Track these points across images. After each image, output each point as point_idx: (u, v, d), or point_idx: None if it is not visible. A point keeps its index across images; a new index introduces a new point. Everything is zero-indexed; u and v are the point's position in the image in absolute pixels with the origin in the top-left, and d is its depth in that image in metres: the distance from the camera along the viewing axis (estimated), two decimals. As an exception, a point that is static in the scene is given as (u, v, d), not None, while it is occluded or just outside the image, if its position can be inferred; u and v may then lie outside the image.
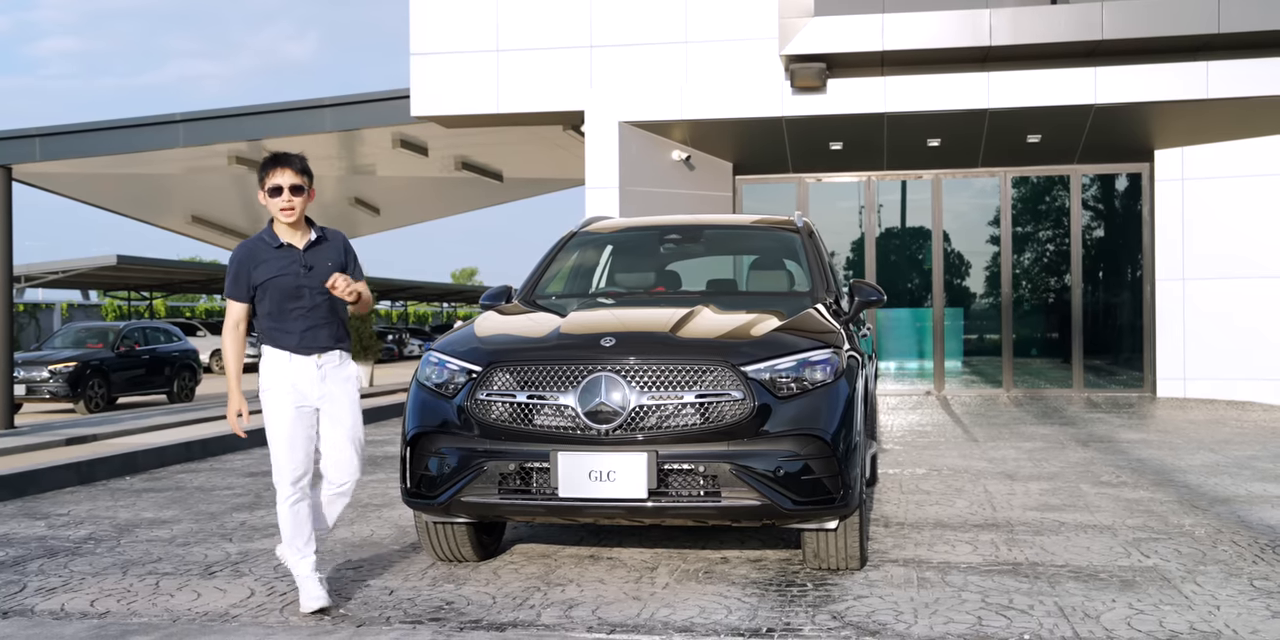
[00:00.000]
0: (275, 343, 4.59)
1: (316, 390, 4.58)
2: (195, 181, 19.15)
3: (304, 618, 4.43)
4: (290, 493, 4.54)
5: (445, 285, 52.47)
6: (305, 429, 4.58)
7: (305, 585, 4.51)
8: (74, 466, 8.40)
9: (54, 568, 5.40)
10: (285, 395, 4.56)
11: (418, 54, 14.26)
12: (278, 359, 4.59)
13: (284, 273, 4.56)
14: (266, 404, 4.58)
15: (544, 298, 6.30)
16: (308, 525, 4.57)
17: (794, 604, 4.55)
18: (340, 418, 4.63)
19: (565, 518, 4.86)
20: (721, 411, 4.68)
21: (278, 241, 4.60)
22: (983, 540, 5.78)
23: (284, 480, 4.54)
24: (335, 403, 4.62)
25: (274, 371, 4.59)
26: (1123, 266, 16.27)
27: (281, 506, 4.55)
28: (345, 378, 4.67)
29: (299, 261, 4.58)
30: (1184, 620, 4.27)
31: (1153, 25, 12.77)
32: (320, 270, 4.59)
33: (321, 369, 4.60)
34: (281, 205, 4.52)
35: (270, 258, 4.57)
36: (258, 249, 4.60)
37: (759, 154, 15.39)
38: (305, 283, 4.57)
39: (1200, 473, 8.08)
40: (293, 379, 4.56)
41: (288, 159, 4.56)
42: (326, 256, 4.63)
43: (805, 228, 6.71)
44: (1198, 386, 14.75)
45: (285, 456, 4.54)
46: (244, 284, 4.58)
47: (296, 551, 4.55)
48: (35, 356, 18.28)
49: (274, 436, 4.55)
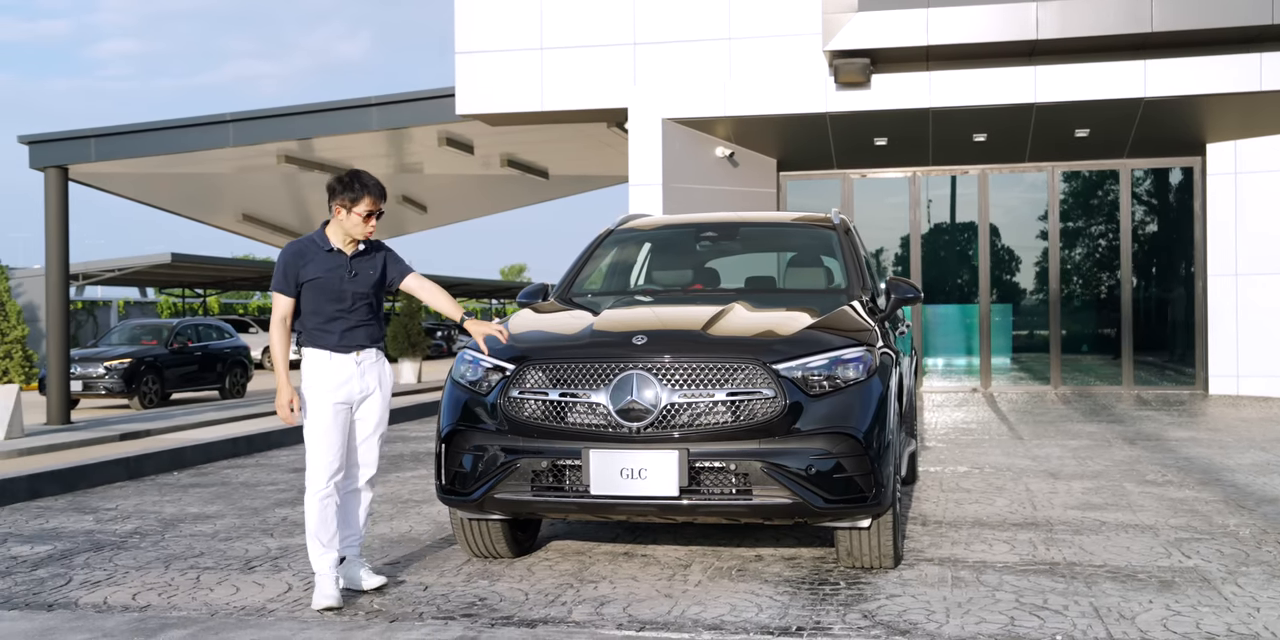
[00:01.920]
0: (316, 342, 4.77)
1: (356, 385, 4.76)
2: (245, 180, 19.39)
3: (335, 614, 4.48)
4: (324, 488, 4.67)
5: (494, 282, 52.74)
6: (342, 426, 4.73)
7: (321, 582, 4.61)
8: (123, 462, 8.56)
9: (99, 561, 5.51)
10: (326, 393, 4.71)
11: (462, 53, 14.34)
12: (318, 358, 4.76)
13: (330, 275, 4.76)
14: (308, 401, 4.73)
15: (580, 295, 6.32)
16: (334, 522, 4.68)
17: (825, 603, 4.54)
18: (372, 414, 4.83)
19: (597, 515, 4.88)
20: (753, 409, 4.68)
21: (329, 245, 4.81)
22: (1021, 539, 5.73)
23: (319, 476, 4.66)
24: (370, 400, 4.83)
25: (315, 370, 4.75)
26: (1174, 262, 16.01)
27: (311, 501, 4.67)
28: (382, 374, 4.87)
29: (346, 266, 4.80)
30: (1222, 622, 4.21)
31: (1204, 17, 12.54)
32: (364, 277, 4.84)
33: (360, 365, 4.78)
34: (367, 231, 4.80)
35: (319, 259, 4.78)
36: (307, 249, 4.81)
37: (803, 150, 15.32)
38: (349, 287, 4.78)
39: (1249, 472, 7.95)
40: (333, 376, 4.73)
41: (376, 187, 4.80)
42: (369, 266, 4.88)
43: (842, 225, 6.68)
44: (1251, 384, 14.49)
45: (323, 453, 4.67)
46: (292, 280, 4.76)
47: (320, 546, 4.65)
48: (91, 353, 18.60)
49: (312, 433, 4.69)
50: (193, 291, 41.18)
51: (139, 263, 28.00)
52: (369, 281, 4.84)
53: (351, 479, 4.84)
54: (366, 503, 4.90)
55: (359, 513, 4.88)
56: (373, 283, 4.86)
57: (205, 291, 41.47)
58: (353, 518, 4.85)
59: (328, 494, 4.67)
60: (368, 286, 4.83)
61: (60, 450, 10.50)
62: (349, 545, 4.83)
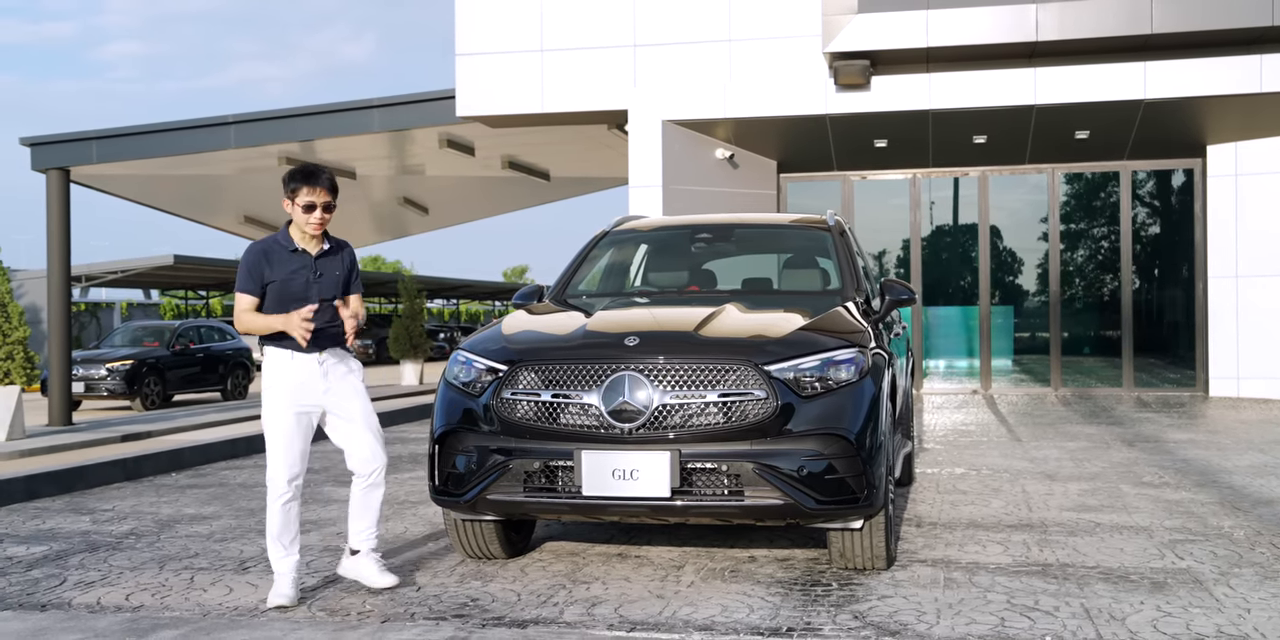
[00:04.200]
0: (278, 343, 4.72)
1: (320, 386, 4.72)
2: (247, 182, 19.42)
3: (329, 613, 4.50)
4: (284, 491, 4.68)
5: (496, 284, 52.80)
6: (303, 430, 4.71)
7: (280, 581, 4.65)
8: (121, 463, 8.58)
9: (94, 562, 5.52)
10: (286, 396, 4.69)
11: (463, 54, 14.36)
12: (280, 358, 4.71)
13: (295, 276, 4.72)
14: (266, 404, 4.71)
15: (575, 297, 6.33)
16: (295, 525, 4.72)
17: (817, 604, 4.54)
18: (352, 412, 4.78)
19: (589, 516, 4.89)
20: (745, 411, 4.69)
21: (293, 246, 4.76)
22: (1015, 541, 5.73)
23: (278, 479, 4.68)
24: (343, 398, 4.77)
25: (276, 371, 4.71)
26: (1175, 264, 16.01)
27: (273, 505, 4.68)
28: (347, 372, 4.82)
29: (311, 267, 4.75)
30: (1212, 623, 4.21)
31: (1204, 18, 12.54)
32: (329, 278, 4.79)
33: (323, 366, 4.73)
34: (314, 222, 4.70)
35: (284, 260, 4.73)
36: (272, 250, 4.75)
37: (803, 152, 15.33)
38: (314, 288, 4.73)
39: (1246, 474, 7.94)
40: (295, 378, 4.70)
41: (318, 176, 4.71)
42: (335, 266, 4.82)
43: (837, 226, 6.68)
44: (1251, 386, 14.48)
45: (281, 456, 4.67)
46: (257, 280, 4.71)
47: (281, 549, 4.68)
48: (93, 355, 18.64)
49: (271, 436, 4.69)
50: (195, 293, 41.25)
51: (141, 264, 28.07)
52: (334, 283, 4.77)
53: (360, 476, 4.83)
54: (378, 498, 4.86)
55: (374, 508, 4.84)
56: (339, 283, 4.79)
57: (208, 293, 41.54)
58: (364, 513, 4.83)
59: (289, 498, 4.68)
60: (333, 288, 4.77)
61: (61, 451, 10.51)
62: (362, 540, 4.83)
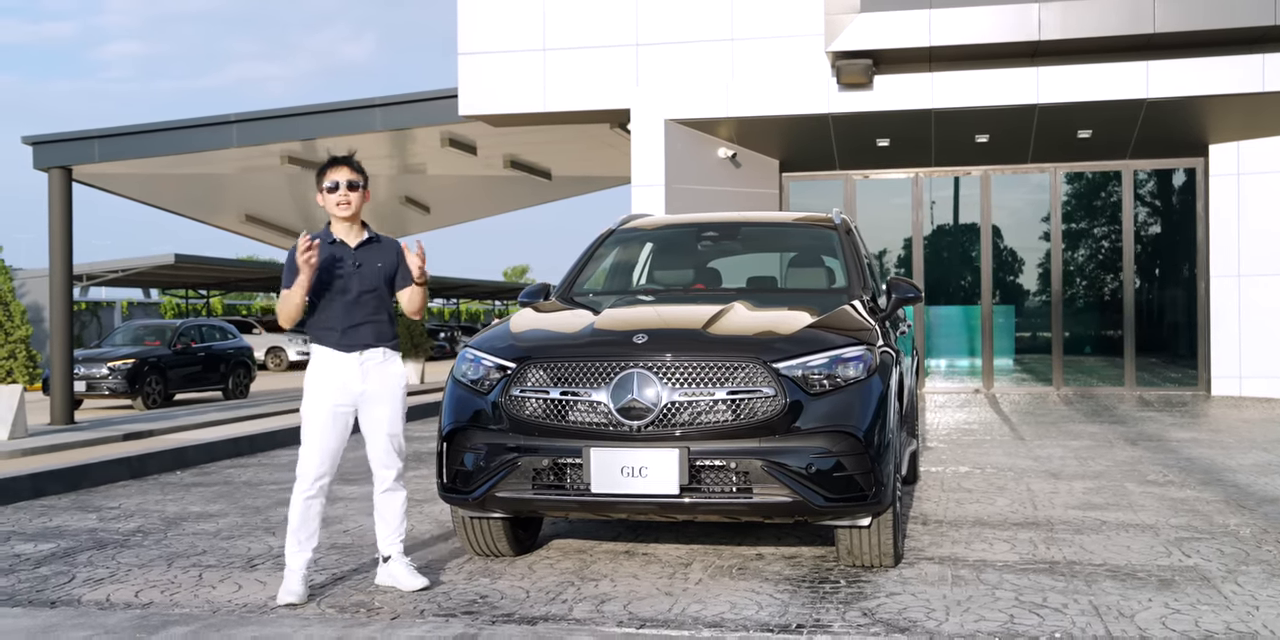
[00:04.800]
0: (320, 340, 4.75)
1: (358, 387, 4.71)
2: (249, 181, 19.42)
3: (338, 611, 4.50)
4: (308, 488, 4.68)
5: (497, 283, 52.78)
6: (338, 429, 4.71)
7: (290, 578, 4.65)
8: (125, 461, 8.58)
9: (102, 559, 5.53)
10: (325, 394, 4.69)
11: (465, 54, 14.37)
12: (321, 356, 4.74)
13: (334, 266, 4.72)
14: (306, 399, 4.73)
15: (581, 295, 6.33)
16: (314, 522, 4.71)
17: (825, 601, 4.55)
18: (378, 416, 4.76)
19: (597, 513, 4.90)
20: (753, 408, 4.69)
21: (331, 237, 4.78)
22: (1021, 538, 5.74)
23: (306, 475, 4.68)
24: (375, 401, 4.75)
25: (318, 368, 4.74)
26: (1177, 263, 16.02)
27: (296, 499, 4.69)
28: (388, 375, 4.79)
29: (350, 257, 4.75)
30: (1220, 620, 4.22)
31: (1207, 17, 12.55)
32: (369, 270, 4.76)
33: (364, 366, 4.71)
34: (338, 200, 4.72)
35: (324, 252, 4.72)
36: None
37: (806, 151, 15.34)
38: (354, 280, 4.73)
39: (1250, 472, 7.95)
40: (335, 376, 4.70)
41: (345, 159, 4.78)
42: (377, 258, 4.80)
43: (843, 224, 6.69)
44: (1254, 385, 14.49)
45: (314, 454, 4.68)
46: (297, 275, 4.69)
47: (297, 545, 4.68)
48: (95, 354, 18.62)
49: (306, 432, 4.70)
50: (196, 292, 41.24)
51: (143, 263, 28.05)
52: (376, 274, 4.76)
53: (381, 480, 4.83)
54: (400, 501, 4.84)
55: (395, 513, 4.83)
56: (382, 276, 4.77)
57: (209, 292, 41.52)
58: (389, 517, 4.83)
59: (312, 495, 4.68)
60: (375, 279, 4.75)
61: (64, 450, 10.51)
62: (389, 545, 4.83)
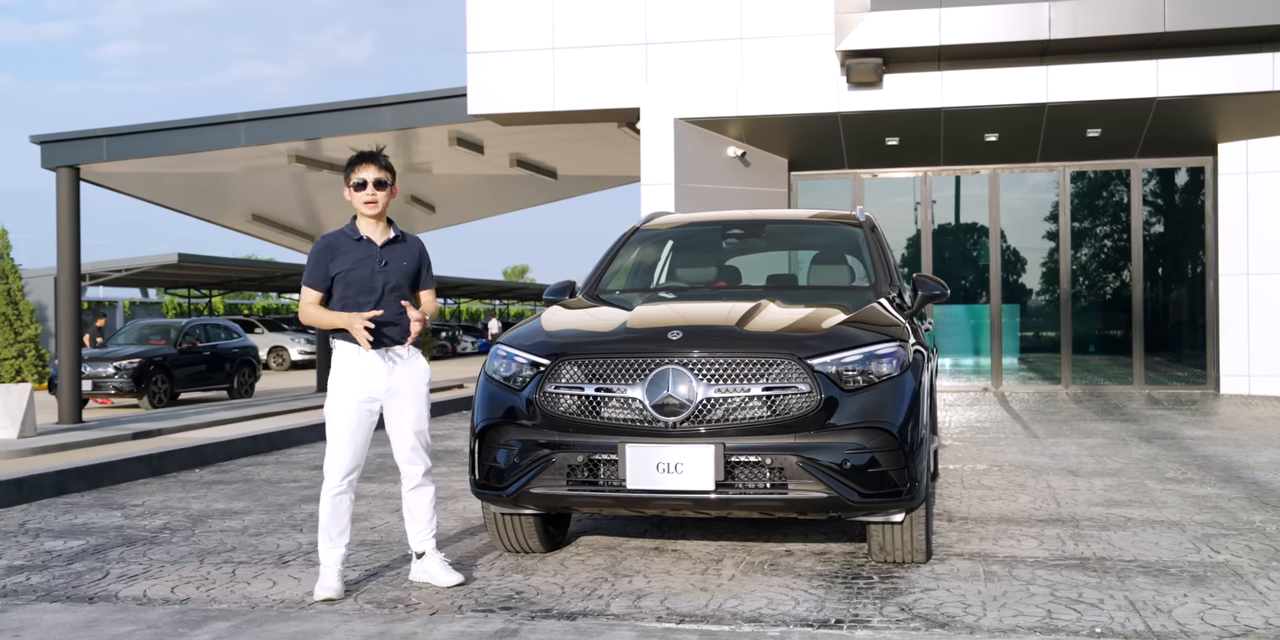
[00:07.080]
0: (346, 336, 4.72)
1: (384, 384, 4.71)
2: (255, 180, 19.41)
3: (376, 606, 4.51)
4: (337, 485, 4.69)
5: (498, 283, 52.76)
6: (364, 426, 4.72)
7: (326, 574, 4.66)
8: (145, 459, 8.59)
9: (133, 556, 5.54)
10: (352, 391, 4.69)
11: (474, 53, 14.38)
12: (347, 353, 4.73)
13: (361, 265, 4.71)
14: (330, 396, 4.72)
15: (607, 293, 6.34)
16: (345, 518, 4.72)
17: (861, 596, 4.57)
18: (404, 413, 4.76)
19: (632, 509, 4.90)
20: (788, 404, 4.70)
21: (358, 235, 4.77)
22: (1048, 535, 5.75)
23: (335, 472, 4.69)
24: (400, 397, 4.75)
25: (343, 365, 4.73)
26: (1184, 262, 16.05)
27: (325, 496, 4.70)
28: (414, 372, 4.79)
29: (376, 256, 4.73)
30: (1259, 615, 4.24)
31: (1216, 16, 12.59)
32: (395, 267, 4.75)
33: (389, 363, 4.72)
34: (366, 199, 4.71)
35: (349, 250, 4.72)
36: (338, 241, 4.77)
37: (814, 150, 15.35)
38: (379, 277, 4.72)
39: (1269, 470, 7.97)
40: (361, 373, 4.70)
41: (373, 156, 4.76)
42: (402, 256, 4.80)
43: (868, 222, 6.71)
44: (1263, 383, 14.53)
45: (341, 450, 4.68)
46: (322, 273, 4.73)
47: (329, 541, 4.69)
48: (100, 353, 18.62)
49: (333, 429, 4.70)
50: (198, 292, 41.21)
51: (146, 263, 28.04)
52: (402, 272, 4.75)
53: (409, 477, 4.83)
54: (430, 497, 4.85)
55: (424, 509, 4.84)
56: (407, 274, 4.78)
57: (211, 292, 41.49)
58: (418, 514, 4.84)
59: (341, 491, 4.69)
60: (400, 277, 4.75)
61: (73, 449, 10.52)
62: (420, 541, 4.84)
